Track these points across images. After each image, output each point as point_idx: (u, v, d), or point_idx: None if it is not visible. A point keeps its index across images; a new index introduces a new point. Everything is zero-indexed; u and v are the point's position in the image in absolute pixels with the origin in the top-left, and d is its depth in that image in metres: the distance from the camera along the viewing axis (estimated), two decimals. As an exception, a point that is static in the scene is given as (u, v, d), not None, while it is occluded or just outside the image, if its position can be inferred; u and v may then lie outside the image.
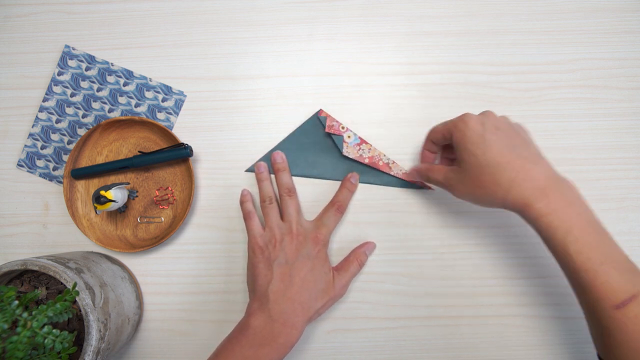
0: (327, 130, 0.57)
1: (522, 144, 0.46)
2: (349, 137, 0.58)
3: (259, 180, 0.57)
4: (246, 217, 0.55)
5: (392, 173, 0.58)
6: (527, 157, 0.44)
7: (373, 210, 0.58)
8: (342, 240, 0.58)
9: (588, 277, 0.41)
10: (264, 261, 0.51)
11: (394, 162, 0.58)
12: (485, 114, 0.48)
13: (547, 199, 0.42)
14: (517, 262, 0.57)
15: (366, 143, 0.58)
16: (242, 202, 0.56)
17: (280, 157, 0.57)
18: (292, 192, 0.55)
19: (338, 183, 0.58)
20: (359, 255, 0.55)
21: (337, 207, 0.55)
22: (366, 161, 0.58)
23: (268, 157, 0.59)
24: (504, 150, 0.44)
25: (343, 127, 0.58)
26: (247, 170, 0.59)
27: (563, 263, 0.43)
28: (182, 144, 0.56)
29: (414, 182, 0.57)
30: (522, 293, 0.56)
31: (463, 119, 0.47)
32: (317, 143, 0.59)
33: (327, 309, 0.53)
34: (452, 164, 0.53)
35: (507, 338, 0.56)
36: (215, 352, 0.48)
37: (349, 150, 0.57)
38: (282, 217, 0.54)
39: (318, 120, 0.59)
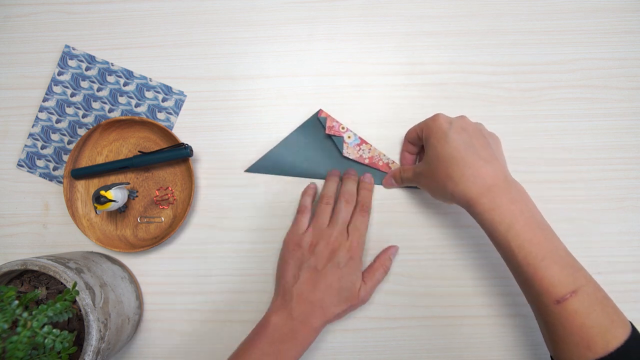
0: (327, 131, 0.57)
1: (482, 146, 0.47)
2: (349, 137, 0.58)
3: (328, 176, 0.57)
4: (300, 210, 0.55)
5: None
6: (482, 156, 0.46)
7: (373, 210, 0.58)
8: (342, 240, 0.58)
9: (529, 271, 0.42)
10: (296, 260, 0.51)
11: (393, 162, 0.58)
12: (458, 116, 0.50)
13: (491, 195, 0.44)
14: (517, 262, 0.57)
15: (366, 143, 0.58)
16: (303, 194, 0.56)
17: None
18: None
19: None
20: (384, 261, 0.55)
21: (360, 208, 0.55)
22: (366, 161, 0.58)
23: (269, 157, 0.59)
24: (461, 147, 0.46)
25: (343, 128, 0.58)
26: (247, 170, 0.59)
27: (506, 258, 0.45)
28: (182, 144, 0.56)
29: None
30: (521, 293, 0.56)
31: (433, 117, 0.50)
32: (317, 143, 0.59)
33: (347, 314, 0.54)
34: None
35: (506, 338, 0.56)
36: (239, 347, 0.50)
37: (349, 151, 0.57)
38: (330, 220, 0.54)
39: (318, 121, 0.59)
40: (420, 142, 0.53)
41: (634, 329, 0.41)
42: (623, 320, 0.41)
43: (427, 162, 0.49)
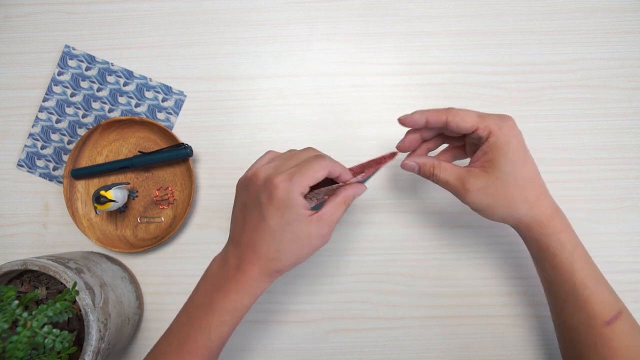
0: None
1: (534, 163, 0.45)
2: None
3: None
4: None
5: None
6: (540, 175, 0.45)
7: (373, 210, 0.58)
8: (341, 241, 0.58)
9: (585, 294, 0.43)
10: (238, 200, 0.45)
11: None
12: (513, 120, 0.43)
13: (559, 217, 0.44)
14: (517, 262, 0.57)
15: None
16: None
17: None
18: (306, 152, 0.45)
19: None
20: (347, 197, 0.44)
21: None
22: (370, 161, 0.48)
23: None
24: (535, 167, 0.44)
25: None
26: None
27: (563, 281, 0.44)
28: (182, 144, 0.56)
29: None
30: (521, 293, 0.56)
31: (510, 122, 0.43)
32: None
33: (304, 260, 0.44)
34: (448, 157, 0.49)
35: (507, 338, 0.56)
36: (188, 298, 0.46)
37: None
38: None
39: None
40: (463, 133, 0.44)
41: None
42: None
43: (497, 178, 0.42)
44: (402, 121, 0.46)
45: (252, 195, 0.43)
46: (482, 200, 0.44)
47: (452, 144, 0.49)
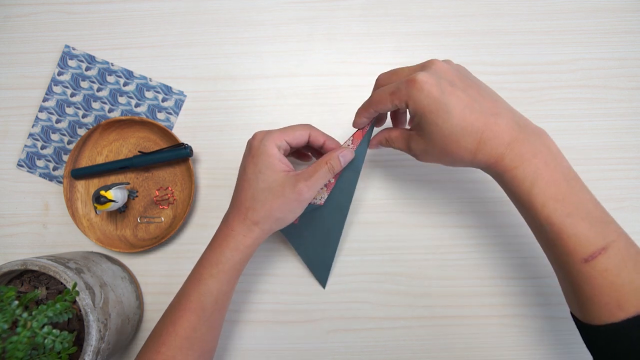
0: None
1: (482, 96, 0.42)
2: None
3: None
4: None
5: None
6: (488, 110, 0.41)
7: (373, 210, 0.58)
8: (341, 241, 0.58)
9: (553, 230, 0.39)
10: (242, 163, 0.49)
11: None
12: (433, 68, 0.42)
13: (512, 153, 0.40)
14: (517, 262, 0.57)
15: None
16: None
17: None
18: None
19: None
20: (330, 159, 0.46)
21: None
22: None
23: None
24: (465, 112, 0.40)
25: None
26: None
27: (529, 217, 0.42)
28: (182, 144, 0.56)
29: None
30: (521, 293, 0.56)
31: (416, 84, 0.41)
32: None
33: (280, 215, 0.46)
34: (400, 123, 0.51)
35: (506, 338, 0.56)
36: None
37: None
38: None
39: None
40: (393, 110, 0.45)
41: None
42: None
43: (428, 139, 0.43)
44: (356, 127, 0.49)
45: (243, 154, 0.48)
46: (430, 159, 0.45)
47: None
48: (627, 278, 0.37)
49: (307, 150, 0.55)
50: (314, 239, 0.54)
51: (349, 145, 0.50)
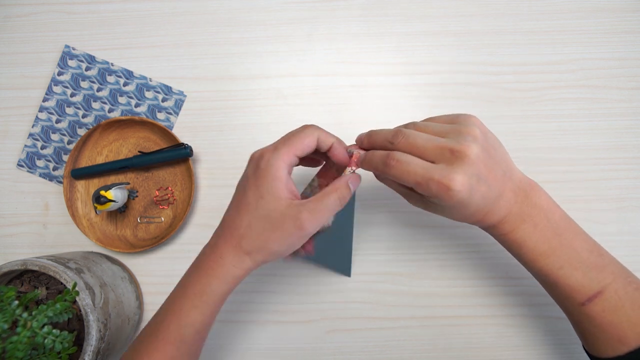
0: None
1: (494, 179, 0.40)
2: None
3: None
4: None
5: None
6: (496, 191, 0.40)
7: (373, 211, 0.58)
8: (342, 240, 0.58)
9: (549, 280, 0.42)
10: (237, 185, 0.44)
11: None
12: (469, 158, 0.37)
13: (506, 223, 0.42)
14: (517, 262, 0.57)
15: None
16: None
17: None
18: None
19: None
20: (340, 186, 0.41)
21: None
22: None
23: None
24: (479, 202, 0.39)
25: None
26: None
27: (528, 269, 0.45)
28: (182, 144, 0.56)
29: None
30: (521, 293, 0.56)
31: (449, 191, 0.37)
32: None
33: (276, 249, 0.41)
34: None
35: (506, 338, 0.56)
36: None
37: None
38: None
39: None
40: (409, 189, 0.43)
41: None
42: None
43: (437, 211, 0.43)
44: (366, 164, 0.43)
45: (244, 171, 0.43)
46: (433, 212, 0.43)
47: None
48: (624, 316, 0.40)
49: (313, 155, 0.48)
50: (326, 240, 0.50)
51: (352, 170, 0.44)
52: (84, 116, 0.60)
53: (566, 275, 0.41)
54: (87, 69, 0.61)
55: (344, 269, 0.56)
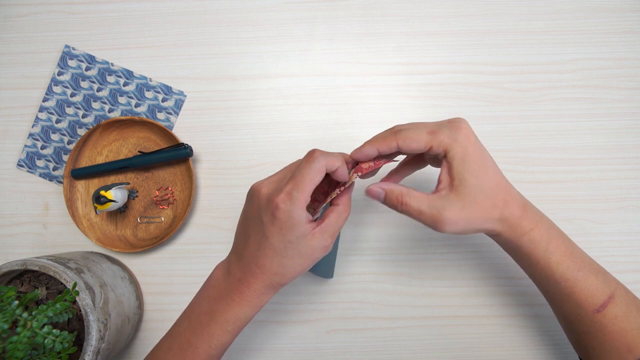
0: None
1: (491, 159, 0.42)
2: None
3: None
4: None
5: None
6: (503, 175, 0.43)
7: (373, 210, 0.58)
8: (341, 241, 0.57)
9: (568, 285, 0.42)
10: (247, 215, 0.44)
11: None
12: (466, 125, 0.41)
13: (527, 216, 0.42)
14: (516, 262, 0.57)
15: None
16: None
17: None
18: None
19: None
20: (344, 202, 0.43)
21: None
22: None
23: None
24: (496, 170, 0.41)
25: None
26: None
27: (543, 276, 0.44)
28: (182, 144, 0.56)
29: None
30: (522, 293, 0.56)
31: (463, 130, 0.40)
32: None
33: (305, 271, 0.43)
34: (407, 171, 0.46)
35: (507, 338, 0.56)
36: (190, 303, 0.46)
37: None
38: None
39: None
40: (417, 153, 0.42)
41: None
42: None
43: (464, 192, 0.39)
44: (356, 157, 0.43)
45: (255, 211, 0.42)
46: (460, 223, 0.40)
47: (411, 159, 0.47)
48: (634, 323, 0.41)
49: None
50: None
51: (357, 176, 0.43)
52: (84, 116, 0.60)
53: (584, 277, 0.42)
54: (87, 69, 0.61)
55: (326, 272, 0.55)
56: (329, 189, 0.46)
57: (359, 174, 0.43)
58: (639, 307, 0.42)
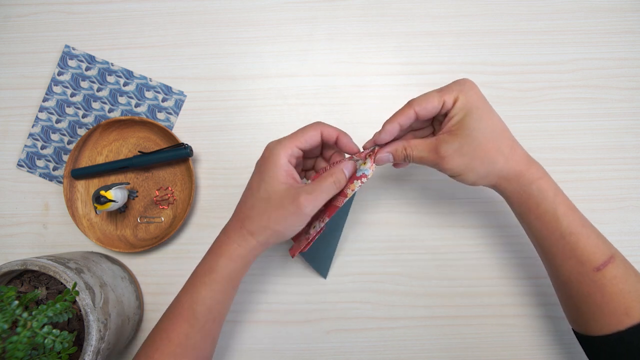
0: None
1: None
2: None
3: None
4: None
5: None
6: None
7: (373, 210, 0.58)
8: (341, 240, 0.57)
9: (572, 240, 0.42)
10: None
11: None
12: (470, 80, 0.45)
13: (536, 165, 0.44)
14: (517, 262, 0.57)
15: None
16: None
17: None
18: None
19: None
20: (335, 171, 0.44)
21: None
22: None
23: None
24: (502, 121, 0.44)
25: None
26: None
27: (549, 230, 0.43)
28: (182, 144, 0.56)
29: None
30: (522, 293, 0.56)
31: (467, 82, 0.44)
32: None
33: (277, 228, 0.43)
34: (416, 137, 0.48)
35: (507, 338, 0.56)
36: None
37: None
38: None
39: None
40: (432, 114, 0.44)
41: None
42: None
43: (469, 136, 0.42)
44: (380, 140, 0.46)
45: (256, 163, 0.46)
46: (460, 162, 0.43)
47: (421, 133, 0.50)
48: (632, 286, 0.41)
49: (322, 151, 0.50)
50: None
51: (354, 158, 0.47)
52: (84, 116, 0.60)
53: (588, 234, 0.42)
54: (87, 69, 0.61)
55: (322, 269, 0.56)
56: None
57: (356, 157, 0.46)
58: (636, 273, 0.42)
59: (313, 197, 0.42)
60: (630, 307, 0.40)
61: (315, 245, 0.53)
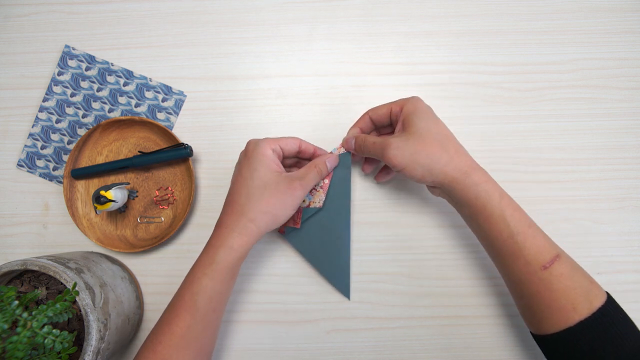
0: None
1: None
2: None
3: None
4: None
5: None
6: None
7: (373, 210, 0.58)
8: (342, 240, 0.58)
9: (519, 240, 0.44)
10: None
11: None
12: (417, 97, 0.51)
13: (480, 170, 0.46)
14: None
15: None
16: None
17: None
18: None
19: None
20: (318, 163, 0.51)
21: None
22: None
23: None
24: (447, 129, 0.49)
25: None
26: None
27: (497, 231, 0.45)
28: (182, 144, 0.56)
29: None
30: (522, 293, 0.56)
31: (415, 97, 0.50)
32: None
33: (275, 212, 0.48)
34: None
35: (506, 338, 0.56)
36: None
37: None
38: None
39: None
40: (384, 121, 0.52)
41: (607, 293, 0.43)
42: (597, 283, 0.44)
43: (414, 134, 0.47)
44: (348, 146, 0.53)
45: (237, 162, 0.51)
46: (404, 155, 0.47)
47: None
48: (578, 282, 0.42)
49: (299, 158, 0.55)
50: (325, 246, 0.55)
51: (334, 151, 0.54)
52: (84, 116, 0.60)
53: (533, 234, 0.44)
54: (87, 69, 0.61)
55: (344, 288, 0.56)
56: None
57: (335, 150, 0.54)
58: (582, 270, 0.44)
59: (305, 183, 0.48)
60: (577, 302, 0.41)
61: (331, 263, 0.56)
